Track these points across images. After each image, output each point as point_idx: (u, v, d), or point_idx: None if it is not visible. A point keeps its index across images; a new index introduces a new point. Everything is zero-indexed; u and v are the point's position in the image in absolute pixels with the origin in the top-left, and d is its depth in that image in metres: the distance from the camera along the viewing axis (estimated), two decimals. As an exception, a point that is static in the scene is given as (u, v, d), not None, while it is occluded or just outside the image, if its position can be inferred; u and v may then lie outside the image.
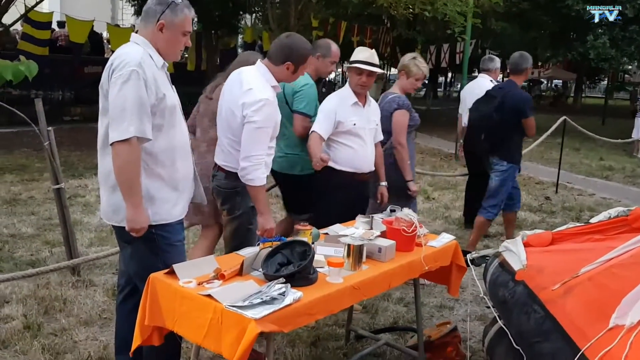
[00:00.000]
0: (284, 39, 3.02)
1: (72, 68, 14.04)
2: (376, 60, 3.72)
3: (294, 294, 2.09)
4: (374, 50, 3.83)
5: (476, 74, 9.80)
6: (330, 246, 2.63)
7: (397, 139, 4.18)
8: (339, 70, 43.04)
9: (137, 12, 18.21)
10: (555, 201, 7.90)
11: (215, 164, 3.15)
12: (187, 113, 3.01)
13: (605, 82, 37.91)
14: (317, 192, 3.77)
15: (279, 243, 2.46)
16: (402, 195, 4.20)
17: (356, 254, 2.48)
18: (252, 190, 2.92)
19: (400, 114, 4.19)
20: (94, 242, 5.13)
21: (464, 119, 6.20)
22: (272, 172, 3.90)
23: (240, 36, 21.25)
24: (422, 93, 31.70)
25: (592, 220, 4.05)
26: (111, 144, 2.33)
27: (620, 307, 2.15)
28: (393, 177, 4.15)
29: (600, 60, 19.76)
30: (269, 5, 10.30)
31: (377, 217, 3.10)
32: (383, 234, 2.87)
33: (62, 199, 4.19)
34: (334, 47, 4.06)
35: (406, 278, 2.81)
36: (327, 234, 2.96)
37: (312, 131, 3.63)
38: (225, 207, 3.13)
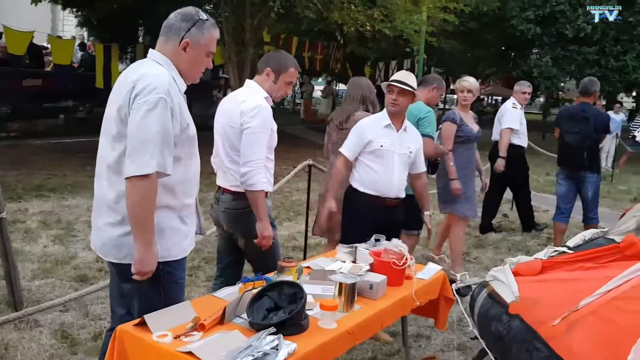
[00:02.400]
0: (270, 52, 3.24)
1: (10, 81, 13.27)
2: (411, 81, 3.68)
3: (288, 347, 1.84)
4: (411, 72, 3.88)
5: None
6: (318, 284, 2.39)
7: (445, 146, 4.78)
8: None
9: (81, 24, 17.53)
10: (513, 218, 7.89)
11: (219, 187, 3.11)
12: None
13: (542, 98, 39.46)
14: (346, 211, 3.69)
15: (262, 283, 2.20)
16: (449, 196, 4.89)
17: (349, 293, 2.25)
18: (252, 195, 2.88)
19: (448, 125, 4.88)
20: (37, 274, 4.67)
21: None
22: None
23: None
24: (371, 109, 31.92)
25: (569, 244, 3.99)
26: (128, 178, 2.09)
27: (637, 346, 2.00)
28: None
29: (544, 79, 20.43)
30: (223, 19, 10.01)
31: (361, 247, 2.88)
32: (371, 267, 2.65)
33: (3, 230, 3.75)
34: (443, 82, 4.82)
35: (398, 316, 2.61)
36: (309, 267, 2.71)
37: (339, 152, 3.66)
38: (240, 228, 3.05)
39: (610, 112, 14.42)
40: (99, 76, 13.86)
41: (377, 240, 2.97)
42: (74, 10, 16.47)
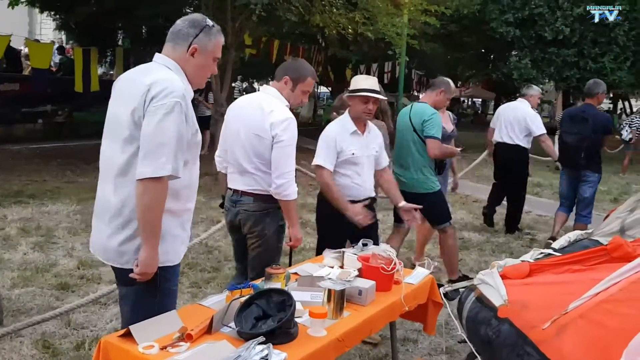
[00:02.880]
0: (288, 61, 3.32)
1: (-14, 85, 13.05)
2: (378, 87, 3.75)
3: (277, 356, 1.80)
4: (375, 77, 3.97)
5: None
6: (306, 290, 2.35)
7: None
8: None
9: (59, 27, 17.29)
10: (495, 219, 7.92)
11: (236, 190, 3.18)
12: None
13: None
14: (322, 218, 3.78)
15: (250, 291, 2.16)
16: None
17: (338, 299, 2.22)
18: (286, 205, 3.04)
19: None
20: (17, 282, 4.56)
21: (496, 134, 6.98)
22: (404, 192, 4.28)
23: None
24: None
25: (555, 246, 4.01)
26: (141, 180, 2.07)
27: (628, 350, 1.99)
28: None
29: (523, 80, 20.62)
30: (204, 22, 9.95)
31: (349, 252, 2.85)
32: (359, 272, 2.62)
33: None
34: (453, 85, 5.06)
35: (387, 322, 2.58)
36: (296, 273, 2.67)
37: (317, 165, 3.62)
38: (256, 229, 3.15)
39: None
40: (78, 80, 13.66)
41: (364, 244, 2.95)
42: (52, 13, 16.23)
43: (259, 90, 3.45)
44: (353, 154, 3.68)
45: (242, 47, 16.07)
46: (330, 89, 27.59)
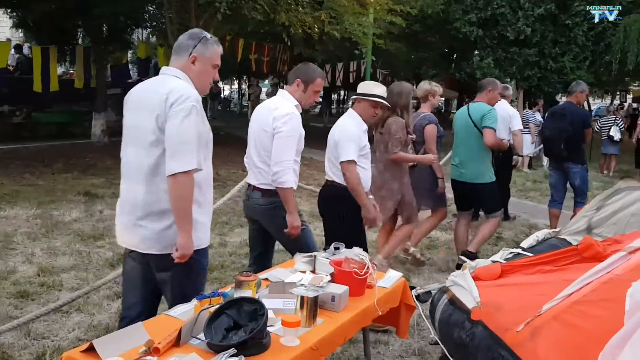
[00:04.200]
0: (299, 65, 3.57)
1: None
2: (386, 95, 4.13)
3: (250, 369, 1.72)
4: (384, 86, 4.21)
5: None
6: (278, 297, 2.28)
7: (429, 147, 5.25)
8: (234, 86, 42.58)
9: (16, 25, 16.73)
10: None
11: (250, 185, 3.46)
12: (74, 134, 2.73)
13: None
14: (348, 213, 3.83)
15: (220, 300, 2.07)
16: (432, 194, 5.44)
17: (311, 307, 2.15)
18: (283, 192, 3.24)
19: (431, 127, 5.31)
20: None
21: None
22: (464, 184, 5.36)
23: (131, 51, 20.20)
24: (317, 110, 31.97)
25: (523, 245, 4.04)
26: (172, 175, 2.38)
27: (604, 353, 1.98)
28: (425, 179, 5.36)
29: (486, 80, 20.89)
30: (167, 21, 9.71)
31: (321, 256, 2.79)
32: (332, 277, 2.56)
33: None
34: (498, 82, 5.54)
35: (360, 327, 2.52)
36: (267, 279, 2.60)
37: (350, 160, 3.75)
38: (270, 221, 3.41)
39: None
40: (37, 79, 13.25)
41: (336, 248, 2.89)
42: (8, 10, 15.69)
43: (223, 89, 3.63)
44: (368, 148, 4.02)
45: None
46: (296, 88, 27.49)
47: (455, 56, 25.77)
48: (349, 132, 3.86)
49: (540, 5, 18.56)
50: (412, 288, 3.15)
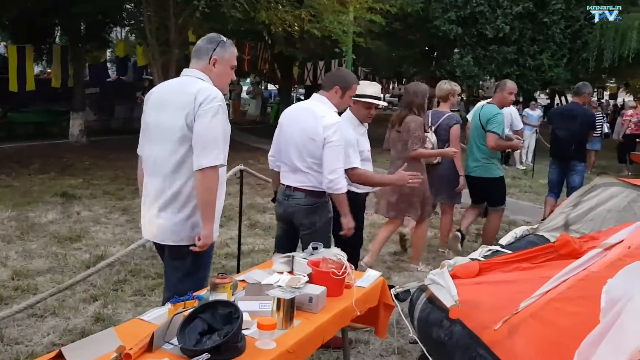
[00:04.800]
0: (334, 71, 3.80)
1: None
2: (381, 94, 4.27)
3: (224, 373, 1.69)
4: (379, 84, 4.30)
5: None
6: (254, 299, 2.24)
7: (454, 146, 5.42)
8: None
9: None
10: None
11: (289, 186, 3.54)
12: (51, 134, 2.66)
13: (463, 96, 41.04)
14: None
15: (194, 303, 2.04)
16: (451, 191, 5.72)
17: (287, 308, 2.12)
18: (338, 197, 3.43)
19: (457, 127, 5.55)
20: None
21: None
22: (475, 178, 5.77)
23: (110, 50, 19.97)
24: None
25: (502, 242, 4.05)
26: (201, 169, 2.55)
27: (580, 351, 1.99)
28: (447, 175, 5.63)
29: (466, 78, 21.07)
30: (146, 19, 9.59)
31: (299, 256, 2.76)
32: (310, 278, 2.54)
33: None
34: (509, 82, 5.82)
35: (338, 328, 2.50)
36: (244, 280, 2.56)
37: (354, 168, 3.74)
38: (306, 222, 3.49)
39: (527, 109, 15.00)
40: (13, 79, 13.05)
41: (314, 248, 2.86)
42: (-18, 8, 15.41)
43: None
44: (368, 151, 4.15)
45: (187, 45, 15.73)
46: (277, 86, 27.39)
47: (435, 54, 25.86)
48: (346, 139, 3.65)
49: (518, 4, 18.72)
50: (391, 287, 3.14)
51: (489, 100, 6.22)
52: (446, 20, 19.55)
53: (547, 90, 34.44)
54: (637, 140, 12.99)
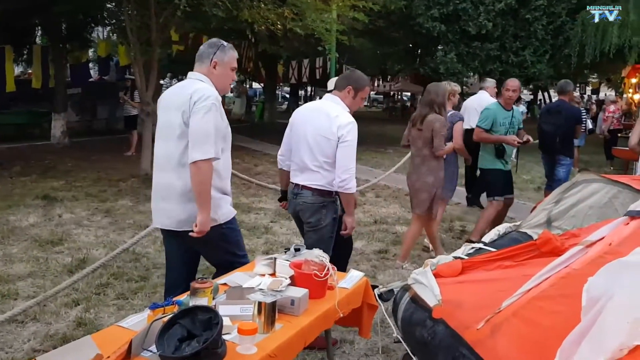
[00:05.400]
0: (347, 73, 3.78)
1: None
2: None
3: (203, 381, 1.67)
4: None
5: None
6: (236, 303, 2.22)
7: (457, 142, 5.73)
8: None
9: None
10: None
11: (297, 184, 3.63)
12: (33, 136, 2.63)
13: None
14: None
15: (173, 308, 2.01)
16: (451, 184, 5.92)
17: (269, 312, 2.10)
18: (347, 197, 3.53)
19: (460, 124, 5.89)
20: None
21: (465, 122, 7.41)
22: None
23: (91, 50, 19.76)
24: (285, 107, 31.85)
25: (485, 239, 4.06)
26: (194, 162, 2.76)
27: (562, 349, 1.99)
28: (449, 170, 5.73)
29: (450, 75, 21.15)
30: (126, 18, 9.48)
31: (281, 258, 2.74)
32: (292, 280, 2.52)
33: None
34: (510, 81, 6.16)
35: (321, 330, 2.48)
36: (225, 284, 2.54)
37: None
38: (312, 220, 3.60)
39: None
40: (-8, 80, 12.84)
41: (297, 249, 2.85)
42: (-40, 8, 15.15)
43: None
44: None
45: (169, 44, 15.58)
46: (262, 85, 27.31)
47: (419, 51, 25.96)
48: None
49: (500, 0, 18.82)
50: (374, 287, 3.13)
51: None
52: (429, 17, 19.62)
53: (531, 86, 34.75)
54: (619, 135, 13.10)
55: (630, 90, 17.55)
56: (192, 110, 2.80)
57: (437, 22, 19.67)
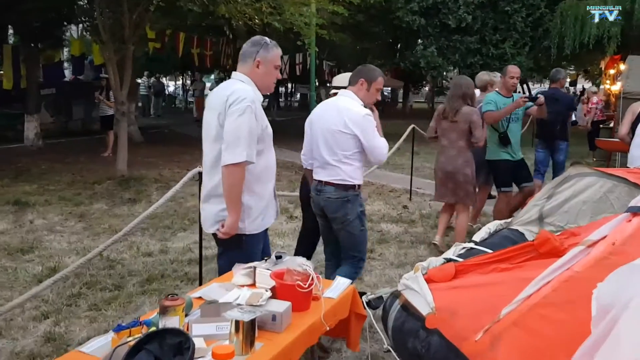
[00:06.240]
0: (359, 67, 3.80)
1: None
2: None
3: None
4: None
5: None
6: (211, 321, 2.00)
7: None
8: (179, 82, 41.62)
9: None
10: (412, 209, 7.86)
11: (320, 181, 3.67)
12: (5, 139, 2.37)
13: (427, 88, 41.40)
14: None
15: (140, 331, 1.79)
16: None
17: (247, 331, 1.89)
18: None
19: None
20: None
21: None
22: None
23: (66, 49, 19.28)
24: (266, 103, 31.53)
25: (475, 238, 3.88)
26: (225, 165, 2.74)
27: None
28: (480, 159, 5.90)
29: (430, 68, 21.07)
30: (98, 15, 9.15)
31: (261, 267, 2.53)
32: (273, 292, 2.31)
33: None
34: (509, 68, 6.09)
35: (306, 347, 2.27)
36: (201, 298, 2.32)
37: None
38: (338, 215, 3.64)
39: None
40: (-39, 81, 12.40)
41: (278, 257, 2.64)
42: None
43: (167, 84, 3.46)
44: None
45: (145, 41, 15.22)
46: (242, 82, 26.94)
47: (399, 46, 25.85)
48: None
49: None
50: (362, 294, 2.94)
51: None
52: (409, 11, 19.50)
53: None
54: (601, 126, 13.07)
55: (608, 82, 17.60)
56: (227, 113, 2.77)
57: (417, 16, 19.56)
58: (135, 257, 5.32)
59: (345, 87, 4.16)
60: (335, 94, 4.34)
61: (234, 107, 2.75)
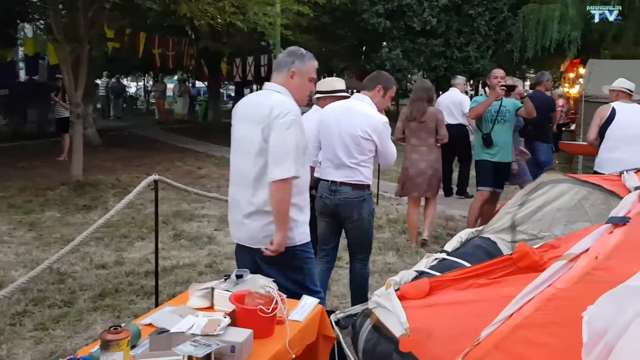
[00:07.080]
0: (375, 73, 4.02)
1: None
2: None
3: None
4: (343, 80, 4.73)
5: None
6: (160, 356, 1.77)
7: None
8: (141, 83, 40.74)
9: None
10: (380, 214, 7.68)
11: (334, 181, 3.80)
12: None
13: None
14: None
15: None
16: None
17: (201, 368, 1.66)
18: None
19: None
20: None
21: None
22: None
23: (20, 48, 18.57)
24: (230, 106, 31.10)
25: (447, 248, 3.72)
26: (273, 181, 2.66)
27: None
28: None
29: (395, 71, 21.05)
30: (51, 12, 8.71)
31: (220, 288, 2.29)
32: (232, 316, 2.08)
33: None
34: (495, 71, 6.24)
35: (270, 378, 2.05)
36: (151, 324, 2.08)
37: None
38: (354, 214, 3.79)
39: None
40: None
41: (238, 276, 2.41)
42: None
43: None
44: None
45: (104, 41, 14.74)
46: (206, 83, 26.48)
47: (364, 48, 25.79)
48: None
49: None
50: (330, 313, 2.73)
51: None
52: (374, 13, 19.42)
53: (472, 82, 35.27)
54: (563, 129, 13.20)
55: (567, 85, 17.87)
56: (272, 126, 2.69)
57: (382, 18, 19.49)
58: (88, 270, 5.00)
59: (331, 92, 4.42)
60: (318, 98, 4.49)
61: (280, 120, 2.68)
